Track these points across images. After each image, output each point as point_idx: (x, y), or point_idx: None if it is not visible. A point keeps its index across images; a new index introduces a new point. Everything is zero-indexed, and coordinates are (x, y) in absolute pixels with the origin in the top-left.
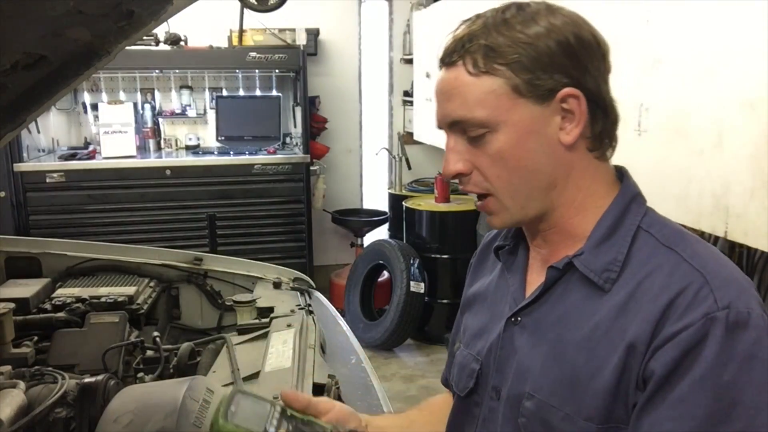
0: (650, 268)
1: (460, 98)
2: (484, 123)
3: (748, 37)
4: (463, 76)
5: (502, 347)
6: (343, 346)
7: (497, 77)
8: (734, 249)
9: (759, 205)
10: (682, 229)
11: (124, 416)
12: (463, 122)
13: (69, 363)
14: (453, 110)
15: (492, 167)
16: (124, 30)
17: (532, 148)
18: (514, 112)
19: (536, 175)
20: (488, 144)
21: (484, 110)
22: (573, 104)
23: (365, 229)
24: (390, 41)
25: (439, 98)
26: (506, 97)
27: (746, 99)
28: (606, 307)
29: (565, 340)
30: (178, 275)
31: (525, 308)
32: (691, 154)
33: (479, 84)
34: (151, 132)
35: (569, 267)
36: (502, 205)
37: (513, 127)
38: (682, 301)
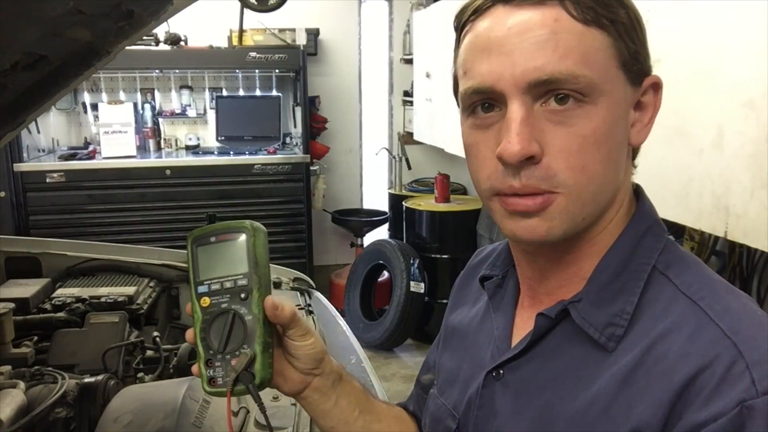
0: (666, 326)
1: (564, 46)
2: (591, 87)
3: (747, 37)
4: (564, 20)
5: (480, 406)
6: (343, 346)
7: (606, 34)
8: (734, 249)
9: (759, 205)
10: (709, 272)
11: (124, 416)
12: (562, 81)
13: (69, 363)
14: (548, 62)
15: (578, 154)
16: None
17: (620, 139)
18: (616, 85)
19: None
20: (580, 120)
21: (593, 70)
22: (650, 98)
23: (365, 229)
24: (390, 41)
25: (508, 47)
26: (614, 62)
27: (746, 99)
28: (608, 374)
29: (556, 410)
30: (178, 275)
31: (509, 361)
32: (691, 153)
33: (588, 35)
34: (151, 132)
35: (564, 315)
36: (571, 207)
37: (614, 104)
38: (708, 379)
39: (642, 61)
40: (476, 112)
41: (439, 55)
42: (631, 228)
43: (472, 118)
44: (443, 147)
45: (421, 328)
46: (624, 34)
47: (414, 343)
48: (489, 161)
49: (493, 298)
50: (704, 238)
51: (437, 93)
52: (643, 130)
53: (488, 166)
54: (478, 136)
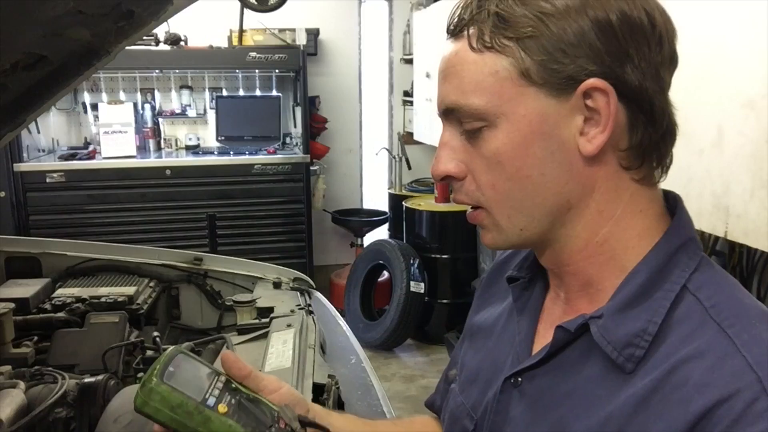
0: (690, 351)
1: (456, 79)
2: (481, 114)
3: (747, 37)
4: (463, 52)
5: (497, 412)
6: (343, 346)
7: (503, 55)
8: (734, 249)
9: (759, 205)
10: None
11: (124, 416)
12: (457, 110)
13: (69, 363)
14: (447, 94)
15: (486, 173)
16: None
17: (538, 154)
18: (520, 103)
19: (541, 190)
20: (485, 142)
21: (481, 97)
22: (600, 101)
23: (365, 229)
24: (390, 41)
25: (438, 77)
26: (511, 82)
27: (746, 99)
28: (624, 396)
29: (569, 425)
30: (178, 275)
31: (528, 369)
32: (691, 153)
33: (480, 63)
34: (151, 132)
35: (584, 329)
36: (496, 222)
37: (516, 123)
38: (726, 413)
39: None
40: None
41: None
42: (665, 242)
43: None
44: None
45: (421, 328)
46: (532, 49)
47: (414, 343)
48: None
49: (518, 300)
50: (704, 238)
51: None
52: (597, 137)
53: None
54: None
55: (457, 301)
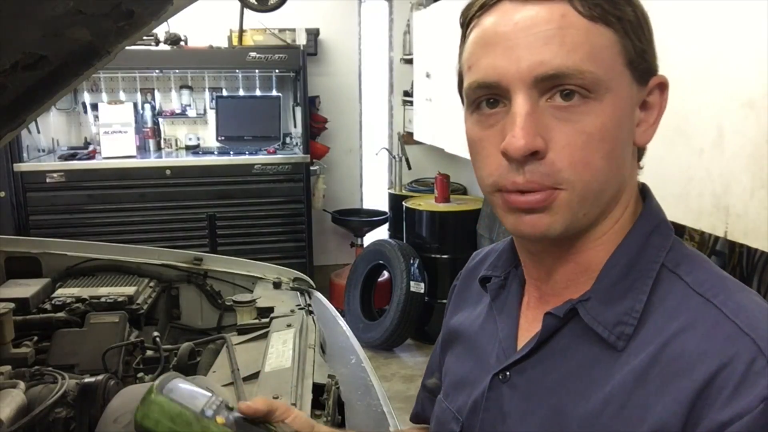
0: (680, 324)
1: (570, 42)
2: (597, 83)
3: (747, 37)
4: (571, 16)
5: (486, 409)
6: (343, 346)
7: (613, 32)
8: (734, 249)
9: (759, 205)
10: (719, 270)
11: (124, 416)
12: (564, 76)
13: (69, 363)
14: (555, 56)
15: (582, 149)
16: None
17: (625, 138)
18: (622, 82)
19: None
20: (587, 116)
21: (599, 66)
22: (657, 98)
23: (365, 229)
24: (390, 41)
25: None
26: (620, 60)
27: (746, 99)
28: (621, 373)
29: (568, 410)
30: (178, 275)
31: (516, 363)
32: (691, 153)
33: (595, 31)
34: (151, 132)
35: (572, 314)
36: (573, 203)
37: (619, 102)
38: (729, 377)
39: (648, 60)
40: (481, 108)
41: (439, 55)
42: (638, 227)
43: (476, 114)
44: (443, 147)
45: (421, 328)
46: (631, 32)
47: (414, 343)
48: (493, 158)
49: (496, 299)
50: (704, 238)
51: (437, 93)
52: (648, 130)
53: (492, 162)
54: (482, 132)
55: None
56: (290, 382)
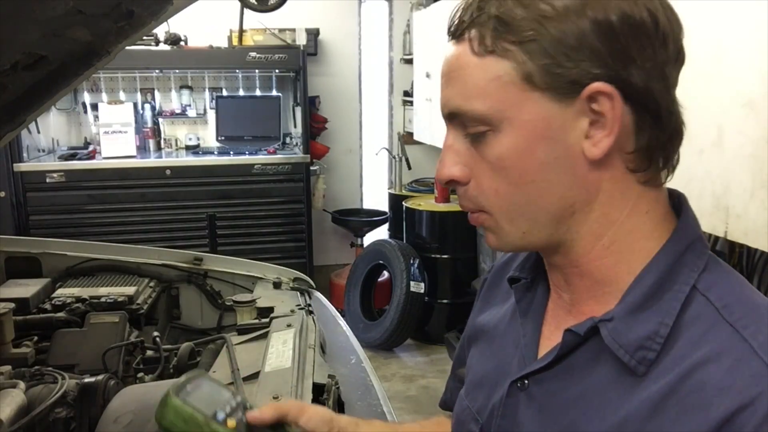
0: (704, 353)
1: (459, 83)
2: (484, 118)
3: (747, 37)
4: (465, 56)
5: (503, 416)
6: (343, 346)
7: (505, 60)
8: (734, 249)
9: (759, 205)
10: (754, 294)
11: (124, 416)
12: (460, 115)
13: (69, 363)
14: (450, 98)
15: (490, 178)
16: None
17: (543, 159)
18: (524, 108)
19: (546, 196)
20: (488, 147)
21: (484, 102)
22: (605, 105)
23: (365, 229)
24: (390, 41)
25: (441, 80)
26: (514, 87)
27: (746, 99)
28: (638, 399)
29: (580, 430)
30: (178, 275)
31: (535, 373)
32: (690, 153)
33: (482, 67)
34: (151, 132)
35: (593, 332)
36: (500, 226)
37: (520, 128)
38: (748, 420)
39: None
40: None
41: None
42: (672, 242)
43: None
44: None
45: (421, 328)
46: (535, 53)
47: (414, 343)
48: None
49: (521, 302)
50: None
51: (437, 93)
52: (603, 140)
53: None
54: None
55: (457, 301)
56: (290, 382)
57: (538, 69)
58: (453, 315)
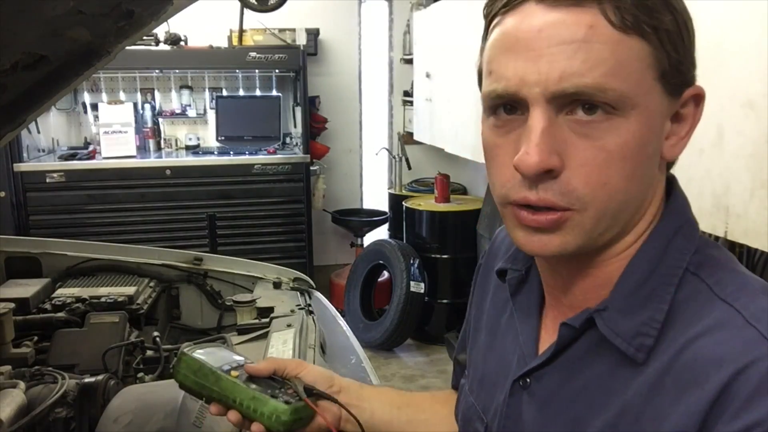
0: (698, 329)
1: (593, 58)
2: (622, 100)
3: (747, 37)
4: (601, 26)
5: (507, 416)
6: (343, 346)
7: (647, 43)
8: (734, 249)
9: (759, 205)
10: (743, 271)
11: (124, 416)
12: (589, 94)
13: (69, 363)
14: (576, 73)
15: (602, 168)
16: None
17: (649, 153)
18: (651, 97)
19: (639, 193)
20: (609, 133)
21: (625, 81)
22: (691, 110)
23: (365, 229)
24: (390, 41)
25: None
26: (650, 73)
27: (746, 99)
28: (637, 383)
29: (585, 422)
30: (178, 275)
31: (535, 370)
32: (690, 153)
33: (625, 44)
34: (151, 132)
35: (590, 324)
36: (587, 224)
37: (646, 118)
38: (743, 386)
39: (684, 71)
40: (498, 113)
41: (439, 55)
42: (660, 229)
43: (493, 117)
44: (443, 147)
45: (421, 328)
46: (667, 43)
47: (414, 343)
48: (506, 168)
49: (516, 296)
50: None
51: (437, 93)
52: (679, 143)
53: (505, 172)
54: (498, 138)
55: (457, 301)
56: None
57: (670, 62)
58: (453, 315)
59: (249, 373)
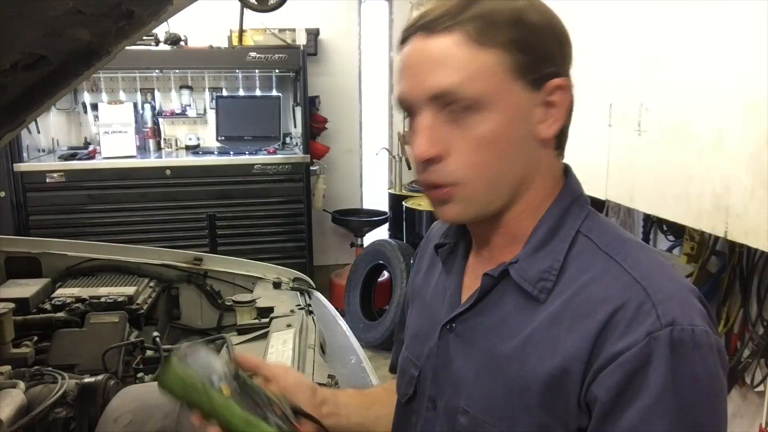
0: (588, 276)
1: (451, 68)
2: (478, 99)
3: (748, 37)
4: (453, 46)
5: (438, 356)
6: (343, 346)
7: (493, 53)
8: (734, 249)
9: (759, 205)
10: (624, 234)
11: (124, 416)
12: (451, 95)
13: (69, 363)
14: (439, 80)
15: (473, 153)
16: (124, 30)
17: (516, 136)
18: (508, 93)
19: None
20: (475, 125)
21: (478, 85)
22: (559, 97)
23: (365, 229)
24: (390, 41)
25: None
26: (502, 75)
27: (746, 99)
28: (540, 317)
29: (498, 351)
30: (178, 275)
31: (460, 315)
32: (691, 154)
33: (475, 57)
34: (151, 132)
35: (505, 274)
36: (470, 196)
37: (505, 110)
38: (622, 317)
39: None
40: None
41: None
42: (559, 200)
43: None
44: None
45: None
46: (519, 50)
47: None
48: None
49: (446, 262)
50: (704, 238)
51: None
52: (553, 124)
53: (415, 164)
54: (410, 137)
55: None
56: None
57: (524, 63)
58: None
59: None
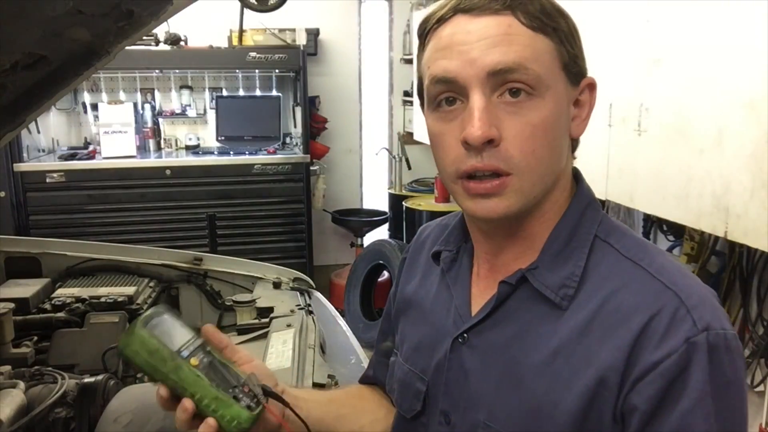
0: (615, 284)
1: (516, 45)
2: (538, 80)
3: (748, 37)
4: (516, 26)
5: (449, 369)
6: (343, 346)
7: (551, 40)
8: (734, 249)
9: (759, 205)
10: (642, 239)
11: (124, 416)
12: (514, 72)
13: (69, 363)
14: (503, 54)
15: (529, 139)
16: (124, 30)
17: (562, 129)
18: (559, 82)
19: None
20: (531, 110)
21: (538, 67)
22: (587, 96)
23: (365, 229)
24: (390, 41)
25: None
26: (556, 63)
27: (746, 99)
28: (566, 328)
29: (522, 363)
30: (178, 275)
31: (474, 326)
32: (691, 154)
33: (538, 39)
34: (151, 132)
35: (522, 282)
36: (523, 188)
37: (555, 100)
38: (658, 325)
39: (579, 64)
40: (441, 106)
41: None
42: (574, 205)
43: (437, 111)
44: None
45: None
46: (564, 41)
47: None
48: (453, 148)
49: (449, 271)
50: (704, 238)
51: None
52: (581, 123)
53: (453, 152)
54: (443, 126)
55: None
56: (290, 382)
57: (569, 55)
58: None
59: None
